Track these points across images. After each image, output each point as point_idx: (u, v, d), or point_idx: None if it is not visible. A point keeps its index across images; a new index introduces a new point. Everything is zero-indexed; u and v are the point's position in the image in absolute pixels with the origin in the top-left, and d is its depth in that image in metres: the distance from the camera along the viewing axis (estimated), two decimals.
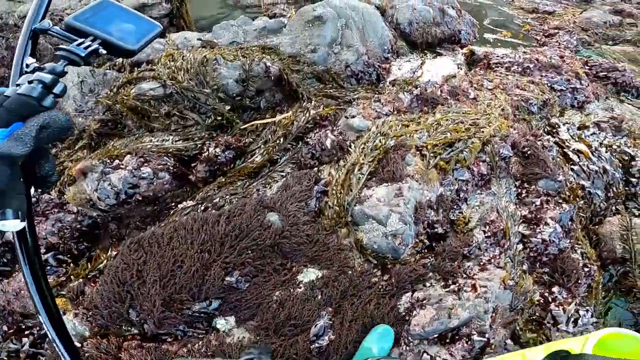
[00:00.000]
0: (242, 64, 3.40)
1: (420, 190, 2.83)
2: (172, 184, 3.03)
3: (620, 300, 3.17)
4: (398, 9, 5.89)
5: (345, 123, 3.28)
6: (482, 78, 4.63)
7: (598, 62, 6.13)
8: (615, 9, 13.16)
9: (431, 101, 3.60)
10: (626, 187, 3.66)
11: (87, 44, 0.78)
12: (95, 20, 0.82)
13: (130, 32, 0.85)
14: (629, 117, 4.92)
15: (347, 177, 2.98)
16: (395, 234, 2.72)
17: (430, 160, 3.02)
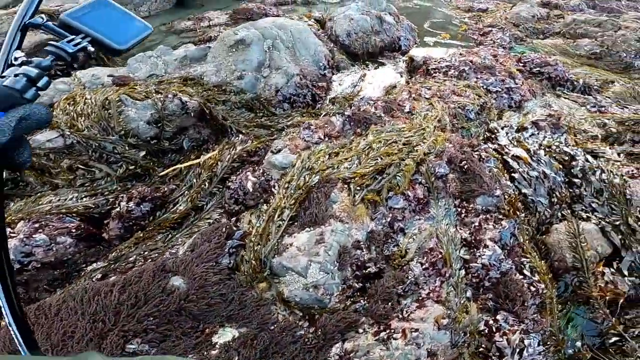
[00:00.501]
0: (153, 102, 2.75)
1: (346, 232, 2.28)
2: (79, 246, 2.40)
3: (581, 310, 2.72)
4: (336, 20, 5.28)
5: (268, 161, 2.68)
6: (421, 87, 4.08)
7: (530, 58, 5.67)
8: (543, 1, 12.87)
9: (364, 121, 3.03)
10: (570, 189, 3.19)
11: (76, 42, 0.73)
12: (88, 18, 0.76)
13: (121, 32, 0.80)
14: (567, 112, 4.48)
15: (267, 224, 2.40)
16: (317, 285, 2.17)
17: (356, 195, 2.45)
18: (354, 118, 3.05)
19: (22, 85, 0.61)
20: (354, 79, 4.52)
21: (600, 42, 7.45)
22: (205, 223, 2.78)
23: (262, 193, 2.58)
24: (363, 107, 3.22)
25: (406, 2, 9.53)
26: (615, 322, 2.56)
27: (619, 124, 4.08)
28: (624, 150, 3.64)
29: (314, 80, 3.83)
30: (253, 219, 2.57)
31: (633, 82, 6.26)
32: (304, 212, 2.38)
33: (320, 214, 2.30)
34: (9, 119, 0.57)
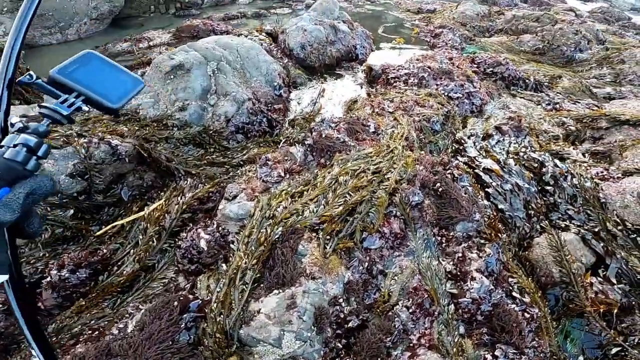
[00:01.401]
0: (75, 149, 2.19)
1: (320, 290, 1.88)
2: (10, 320, 1.84)
3: (576, 323, 2.48)
4: (288, 33, 4.84)
5: (222, 213, 2.21)
6: (383, 99, 3.74)
7: (483, 58, 5.53)
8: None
9: (327, 149, 2.63)
10: (544, 198, 2.97)
11: (70, 102, 0.67)
12: (79, 74, 0.70)
13: (113, 88, 0.73)
14: (525, 113, 4.32)
15: (228, 289, 1.94)
16: (294, 356, 1.75)
17: (327, 246, 2.05)
18: (316, 147, 2.64)
19: (23, 157, 0.57)
20: (313, 95, 4.11)
21: (542, 37, 7.51)
22: (160, 284, 2.27)
23: (220, 249, 2.12)
24: (325, 131, 2.82)
25: (358, 8, 9.25)
26: (613, 333, 2.35)
27: (577, 122, 3.96)
28: (588, 149, 3.50)
29: (270, 103, 3.38)
30: (212, 282, 2.10)
31: (578, 75, 6.32)
32: (269, 272, 1.94)
33: (288, 274, 1.88)
34: (16, 195, 0.54)
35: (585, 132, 3.86)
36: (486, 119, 4.02)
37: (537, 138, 3.76)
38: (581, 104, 4.75)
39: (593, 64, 6.79)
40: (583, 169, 3.13)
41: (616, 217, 2.83)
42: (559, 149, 3.49)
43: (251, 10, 7.54)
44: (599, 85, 5.84)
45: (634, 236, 2.71)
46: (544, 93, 5.17)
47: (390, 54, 5.89)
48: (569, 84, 5.48)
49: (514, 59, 6.62)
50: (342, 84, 4.55)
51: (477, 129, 3.59)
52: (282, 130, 3.38)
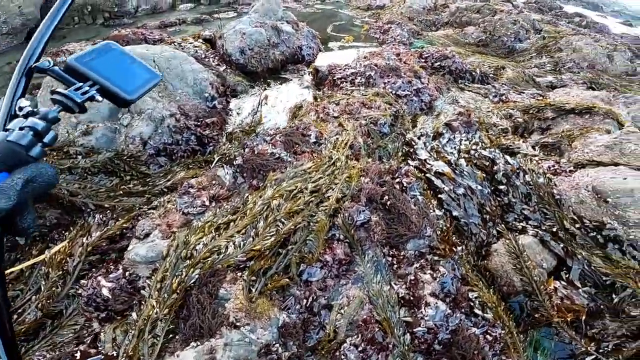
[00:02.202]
0: None
1: (246, 339, 1.49)
2: None
3: (545, 331, 2.25)
4: (226, 38, 4.35)
5: (128, 258, 1.76)
6: (328, 103, 3.38)
7: (430, 52, 5.31)
8: None
9: (260, 169, 2.23)
10: (498, 198, 2.74)
11: (84, 90, 0.63)
12: (96, 63, 0.66)
13: (129, 80, 0.69)
14: (474, 107, 4.13)
15: (138, 342, 1.52)
16: None
17: (253, 288, 1.66)
18: (246, 167, 2.23)
19: (28, 141, 0.51)
20: (254, 104, 3.67)
21: (484, 29, 7.46)
22: (70, 330, 1.81)
23: (130, 295, 1.68)
24: (259, 147, 2.41)
25: (308, 8, 8.83)
26: (585, 343, 2.14)
27: (524, 113, 3.81)
28: (537, 141, 3.33)
29: (201, 117, 2.92)
30: (119, 334, 1.67)
31: (520, 65, 6.29)
32: (184, 322, 1.53)
33: (206, 324, 1.48)
34: (14, 181, 0.48)
35: (533, 124, 3.72)
36: (436, 115, 3.77)
37: (487, 132, 3.56)
38: (526, 94, 4.65)
39: (533, 53, 6.80)
40: (534, 163, 2.93)
41: (573, 214, 2.65)
42: (509, 143, 3.30)
43: (192, 16, 6.92)
44: (540, 74, 5.82)
45: (593, 234, 2.52)
46: (491, 85, 5.04)
47: (339, 54, 5.55)
48: (512, 74, 5.39)
49: (460, 52, 6.49)
50: (287, 89, 4.15)
51: (427, 128, 3.32)
52: (219, 147, 2.93)
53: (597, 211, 2.63)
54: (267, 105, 3.75)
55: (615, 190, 2.50)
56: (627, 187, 2.47)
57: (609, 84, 5.67)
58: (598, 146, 2.98)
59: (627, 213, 2.50)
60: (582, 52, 6.46)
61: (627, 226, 2.51)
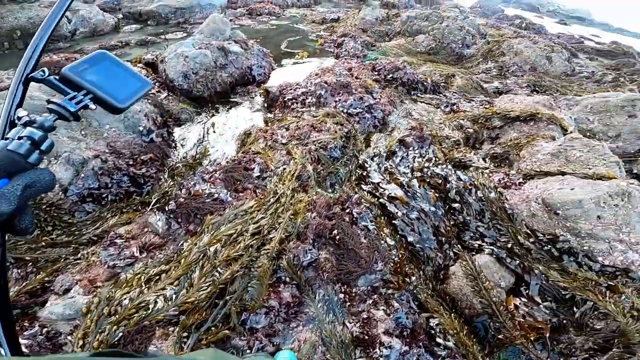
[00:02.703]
0: None
1: None
2: None
3: (512, 351, 2.16)
4: (167, 62, 4.08)
5: (44, 316, 1.49)
6: (278, 128, 3.20)
7: (382, 64, 5.30)
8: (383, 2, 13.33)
9: (196, 212, 2.01)
10: (453, 217, 2.67)
11: (78, 99, 0.66)
12: (89, 73, 0.70)
13: (121, 88, 0.72)
14: (427, 119, 4.11)
15: None
16: None
17: (185, 344, 1.44)
18: (180, 212, 2.00)
19: (26, 150, 0.56)
20: (200, 133, 3.42)
21: (433, 37, 7.62)
22: None
23: (51, 351, 1.40)
24: (196, 187, 2.18)
25: (262, 25, 8.66)
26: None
27: (474, 122, 3.83)
28: (487, 152, 3.32)
29: (136, 154, 2.63)
30: None
31: (469, 72, 6.45)
32: None
33: None
34: (14, 187, 0.52)
35: (483, 133, 3.74)
36: (390, 131, 3.70)
37: (441, 146, 3.52)
38: (475, 101, 4.72)
39: (480, 59, 7.01)
40: (485, 177, 2.90)
41: (526, 229, 2.62)
42: (461, 156, 3.27)
43: (137, 37, 6.54)
44: (487, 80, 5.98)
45: (547, 247, 2.50)
46: (442, 94, 5.09)
47: (292, 71, 5.40)
48: (462, 82, 5.49)
49: (413, 61, 6.57)
50: (236, 114, 3.93)
51: (380, 147, 3.23)
52: (158, 186, 2.66)
53: (549, 224, 2.61)
54: (215, 134, 3.52)
55: (564, 203, 2.49)
56: (575, 198, 2.47)
57: (551, 86, 5.92)
58: (544, 155, 3.00)
59: (579, 224, 2.49)
60: (523, 55, 6.73)
61: (580, 237, 2.50)
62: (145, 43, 6.27)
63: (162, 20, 8.13)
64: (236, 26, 8.40)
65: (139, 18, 8.15)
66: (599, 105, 4.25)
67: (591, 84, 6.54)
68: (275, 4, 10.63)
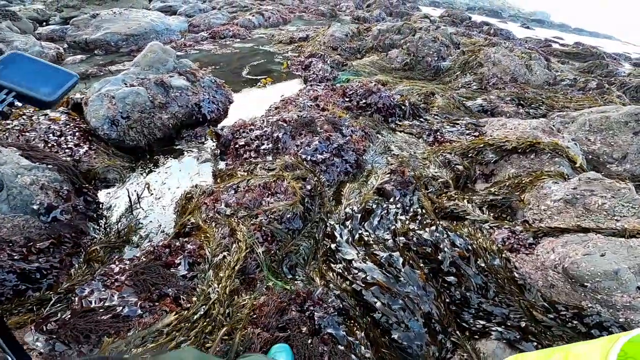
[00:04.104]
0: None
1: None
2: None
3: None
4: (89, 104, 3.37)
5: None
6: (223, 191, 2.53)
7: (354, 88, 4.74)
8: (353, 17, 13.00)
9: (88, 333, 1.33)
10: (448, 291, 2.03)
11: (1, 98, 0.65)
12: (7, 72, 0.68)
13: (44, 83, 0.70)
14: (408, 154, 3.52)
15: None
16: None
17: None
18: (65, 333, 1.32)
19: None
20: (132, 197, 2.72)
21: (407, 50, 7.16)
22: None
23: None
24: (94, 295, 1.49)
25: (224, 49, 8.04)
26: None
27: (463, 157, 3.27)
28: (484, 199, 2.74)
29: (32, 241, 1.91)
30: None
31: (448, 88, 5.99)
32: None
33: None
34: None
35: (475, 170, 3.18)
36: (366, 176, 3.09)
37: (427, 190, 2.93)
38: (460, 125, 4.19)
39: (457, 72, 6.59)
40: (486, 238, 2.30)
41: (543, 301, 2.02)
42: (453, 205, 2.68)
43: (79, 69, 5.81)
44: (469, 96, 5.52)
45: (572, 323, 1.91)
46: (422, 118, 4.56)
47: (253, 103, 4.78)
48: (443, 102, 4.99)
49: (388, 80, 6.07)
50: (179, 167, 3.24)
51: (353, 204, 2.59)
52: (69, 275, 1.94)
53: (573, 296, 2.03)
54: (151, 197, 2.82)
55: (594, 274, 1.91)
56: (609, 268, 1.89)
57: (536, 98, 5.51)
58: (555, 201, 2.44)
59: (613, 297, 1.91)
60: (502, 65, 6.34)
61: (614, 309, 1.93)
62: (87, 76, 5.54)
63: (112, 48, 7.42)
64: (196, 51, 7.77)
65: (86, 47, 7.42)
66: (598, 122, 3.78)
67: (576, 93, 6.19)
68: (241, 25, 10.08)
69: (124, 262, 1.80)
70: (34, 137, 3.02)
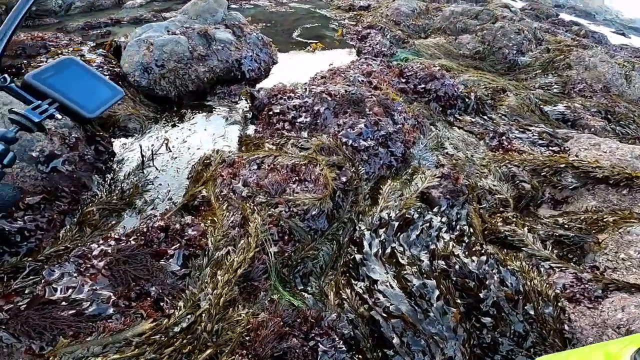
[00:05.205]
0: None
1: None
2: None
3: None
4: (126, 49, 3.12)
5: None
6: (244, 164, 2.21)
7: (413, 70, 4.15)
8: None
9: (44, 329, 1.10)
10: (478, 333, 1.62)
11: (43, 108, 0.63)
12: (55, 80, 0.66)
13: (89, 97, 0.69)
14: (464, 156, 2.99)
15: None
16: None
17: None
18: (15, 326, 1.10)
19: None
20: (147, 152, 2.48)
21: (482, 38, 6.30)
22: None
23: None
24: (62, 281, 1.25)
25: (279, 7, 7.53)
26: None
27: (533, 174, 2.69)
28: (549, 231, 2.20)
29: (23, 191, 1.71)
30: None
31: (522, 86, 5.16)
32: None
33: None
34: None
35: (544, 192, 2.60)
36: (411, 174, 2.62)
37: (479, 206, 2.43)
38: (533, 132, 3.53)
39: (537, 70, 5.69)
40: (543, 280, 1.82)
41: None
42: (509, 231, 2.18)
43: (136, 14, 5.61)
44: (547, 99, 4.71)
45: None
46: (487, 116, 3.91)
47: (298, 67, 4.35)
48: (515, 101, 4.27)
49: (452, 67, 5.34)
50: (204, 125, 2.95)
51: (392, 208, 2.17)
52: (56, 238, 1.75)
53: None
54: (167, 155, 2.56)
55: None
56: None
57: (627, 114, 4.60)
58: None
59: None
60: (596, 70, 5.35)
61: None
62: (139, 21, 5.33)
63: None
64: (250, 6, 7.34)
65: None
66: None
67: None
68: None
69: (109, 242, 1.52)
70: None
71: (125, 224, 1.95)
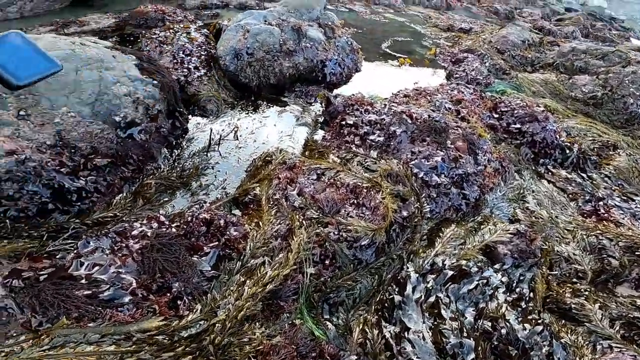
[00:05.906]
0: None
1: None
2: None
3: None
4: (225, 33, 3.29)
5: None
6: (305, 171, 2.15)
7: (511, 105, 3.73)
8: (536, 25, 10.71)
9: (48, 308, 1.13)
10: None
11: None
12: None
13: (23, 67, 0.72)
14: (547, 216, 2.57)
15: None
16: None
17: None
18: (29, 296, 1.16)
19: None
20: (215, 136, 2.56)
21: (603, 81, 5.47)
22: None
23: None
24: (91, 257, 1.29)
25: (373, 15, 7.42)
26: None
27: (625, 251, 2.20)
28: (623, 312, 1.76)
29: (93, 153, 1.86)
30: None
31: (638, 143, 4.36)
32: None
33: None
34: None
35: (631, 270, 2.11)
36: (479, 223, 2.32)
37: (548, 272, 2.05)
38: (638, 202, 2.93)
39: None
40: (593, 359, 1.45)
41: None
42: (575, 304, 1.81)
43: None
44: None
45: None
46: (587, 175, 3.35)
47: (381, 79, 4.20)
48: (625, 162, 3.60)
49: (557, 109, 4.71)
50: (275, 120, 2.97)
51: (448, 254, 1.93)
52: (107, 205, 1.88)
53: None
54: (233, 143, 2.62)
55: None
56: None
57: None
58: None
59: None
60: None
61: None
62: (243, 7, 5.66)
63: None
64: (346, 10, 7.36)
65: None
66: None
67: None
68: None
69: (151, 224, 1.55)
70: (168, 50, 3.08)
71: (175, 203, 2.00)
